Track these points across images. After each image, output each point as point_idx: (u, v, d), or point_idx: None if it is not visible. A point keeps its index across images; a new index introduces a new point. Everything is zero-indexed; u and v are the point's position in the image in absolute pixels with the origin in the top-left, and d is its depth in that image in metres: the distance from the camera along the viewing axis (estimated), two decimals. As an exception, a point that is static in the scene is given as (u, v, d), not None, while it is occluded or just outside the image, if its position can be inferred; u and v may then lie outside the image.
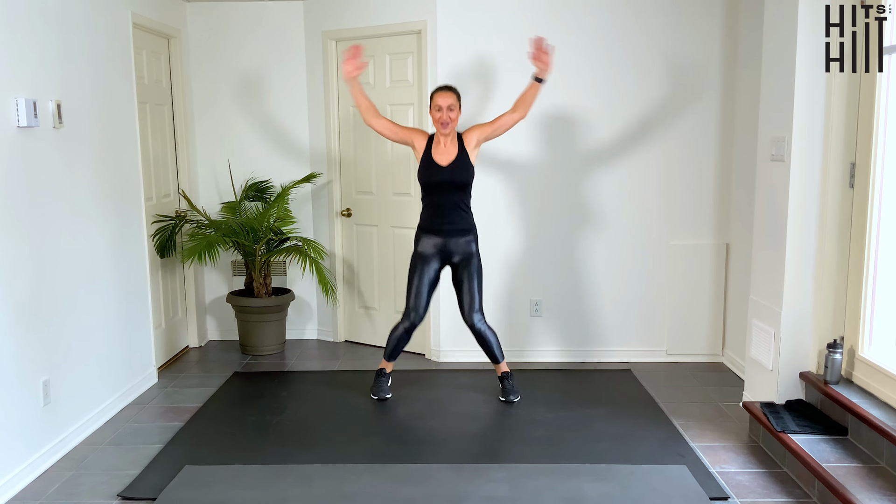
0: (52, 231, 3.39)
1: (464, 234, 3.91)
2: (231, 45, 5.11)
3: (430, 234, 3.92)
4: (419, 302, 3.95)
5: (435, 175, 3.85)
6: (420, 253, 3.95)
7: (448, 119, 3.79)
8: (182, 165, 5.02)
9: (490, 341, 4.03)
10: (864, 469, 2.88)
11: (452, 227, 3.89)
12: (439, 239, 3.90)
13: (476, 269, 3.95)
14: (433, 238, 3.91)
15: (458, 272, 3.96)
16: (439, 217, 3.89)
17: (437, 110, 3.81)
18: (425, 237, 3.93)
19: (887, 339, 3.26)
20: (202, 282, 5.28)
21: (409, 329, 4.02)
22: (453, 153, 3.85)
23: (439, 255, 3.93)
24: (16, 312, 3.11)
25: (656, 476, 3.15)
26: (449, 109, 3.79)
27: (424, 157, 3.88)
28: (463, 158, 3.85)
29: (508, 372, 4.12)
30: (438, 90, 3.86)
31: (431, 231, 3.91)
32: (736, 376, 4.46)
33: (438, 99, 3.81)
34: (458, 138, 3.89)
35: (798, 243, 3.49)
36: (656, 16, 4.51)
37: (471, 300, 3.95)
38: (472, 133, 3.90)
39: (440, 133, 3.85)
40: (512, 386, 4.08)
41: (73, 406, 3.54)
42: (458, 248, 3.91)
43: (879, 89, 3.18)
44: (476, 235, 3.98)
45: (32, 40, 3.26)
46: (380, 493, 3.02)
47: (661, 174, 4.64)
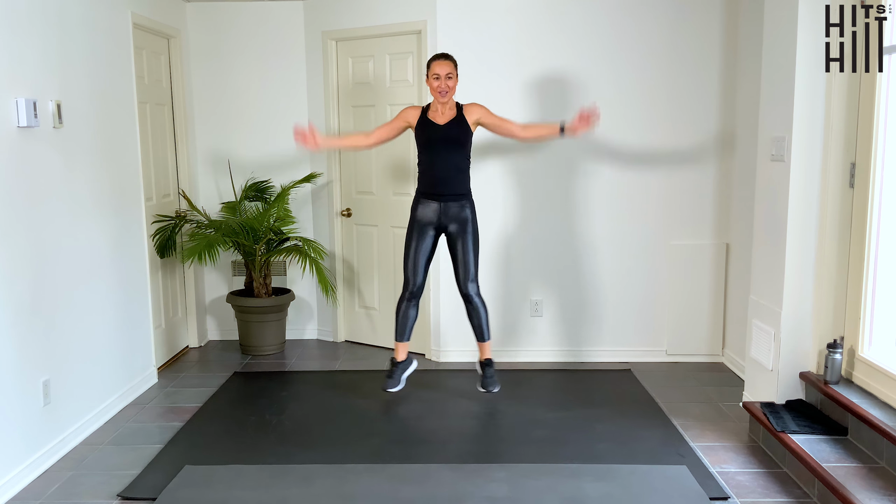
0: (51, 231, 3.39)
1: (459, 198, 3.83)
2: (231, 45, 5.12)
3: (427, 199, 3.84)
4: (416, 271, 3.88)
5: (431, 131, 3.77)
6: (417, 221, 3.87)
7: (446, 87, 3.73)
8: (182, 165, 5.02)
9: (481, 314, 3.94)
10: (864, 469, 2.88)
11: (449, 192, 3.80)
12: (436, 204, 3.82)
13: (472, 237, 3.86)
14: (430, 203, 3.83)
15: (453, 239, 3.87)
16: (436, 180, 3.80)
17: (434, 78, 3.74)
18: (422, 202, 3.85)
19: (887, 339, 3.26)
20: (202, 282, 5.29)
21: (410, 299, 3.93)
22: (451, 115, 3.79)
23: (435, 223, 3.85)
24: (15, 312, 3.11)
25: (656, 476, 3.15)
26: (447, 78, 3.73)
27: (421, 120, 3.81)
28: (461, 120, 3.78)
29: (491, 359, 4.03)
30: (436, 59, 3.79)
31: (428, 195, 3.83)
32: (736, 376, 4.46)
33: (436, 67, 3.74)
34: (457, 107, 3.83)
35: (798, 243, 3.49)
36: (656, 15, 4.51)
37: (466, 269, 3.88)
38: (475, 108, 3.83)
39: (438, 102, 3.78)
40: (492, 375, 3.98)
41: (73, 406, 3.54)
42: (454, 212, 3.82)
43: (879, 89, 3.18)
44: (472, 202, 3.89)
45: (32, 40, 3.26)
46: (380, 493, 3.02)
47: (661, 174, 4.64)
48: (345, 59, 4.99)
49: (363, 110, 4.96)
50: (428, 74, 3.79)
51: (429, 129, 3.79)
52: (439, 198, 3.82)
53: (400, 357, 4.02)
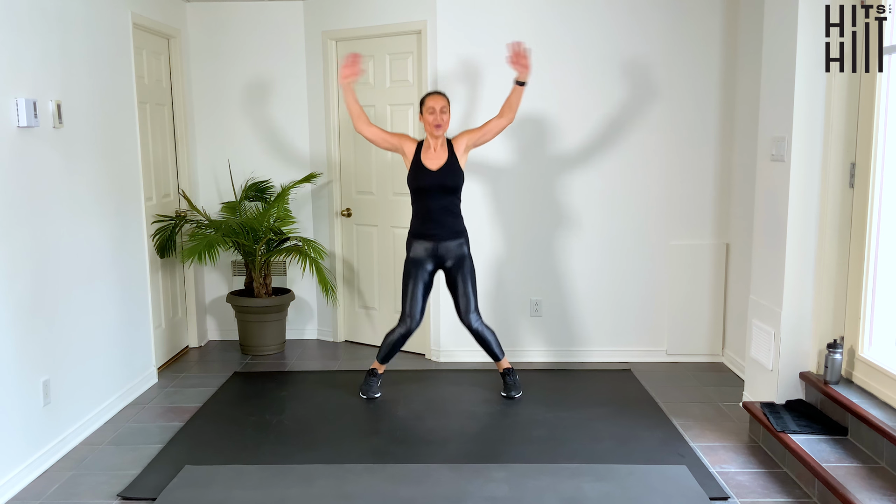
0: (51, 231, 3.39)
1: (455, 237, 3.93)
2: (231, 45, 5.12)
3: (421, 240, 3.94)
4: (415, 307, 3.97)
5: (425, 179, 3.87)
6: (413, 258, 3.97)
7: (441, 121, 3.83)
8: (182, 165, 5.02)
9: (489, 340, 4.06)
10: (864, 469, 2.88)
11: (443, 232, 3.91)
12: (430, 244, 3.92)
13: (469, 271, 3.98)
14: (424, 243, 3.93)
15: (451, 275, 3.99)
16: (430, 222, 3.90)
17: (430, 113, 3.84)
18: (417, 242, 3.95)
19: (887, 339, 3.26)
20: (202, 282, 5.29)
21: (404, 335, 4.03)
22: (443, 158, 3.88)
23: (432, 260, 3.95)
24: (16, 312, 3.11)
25: (656, 476, 3.15)
26: (442, 112, 3.84)
27: (414, 163, 3.91)
28: (452, 163, 3.88)
29: (510, 368, 4.15)
30: (430, 94, 3.92)
31: (422, 237, 3.93)
32: (736, 376, 4.46)
33: (430, 101, 3.86)
34: (448, 144, 3.93)
35: (798, 243, 3.49)
36: (656, 15, 4.51)
37: (466, 302, 3.98)
38: (461, 139, 3.94)
39: (432, 136, 3.88)
40: (514, 382, 4.11)
41: (73, 406, 3.54)
42: (450, 252, 3.93)
43: (879, 89, 3.18)
44: (467, 238, 4.00)
45: (32, 40, 3.26)
46: (380, 493, 3.02)
47: (662, 174, 4.64)
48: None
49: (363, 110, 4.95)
50: (422, 111, 3.89)
51: (422, 175, 3.88)
52: (434, 239, 3.92)
53: (380, 371, 4.20)
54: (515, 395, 4.09)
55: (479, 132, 3.94)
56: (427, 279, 3.99)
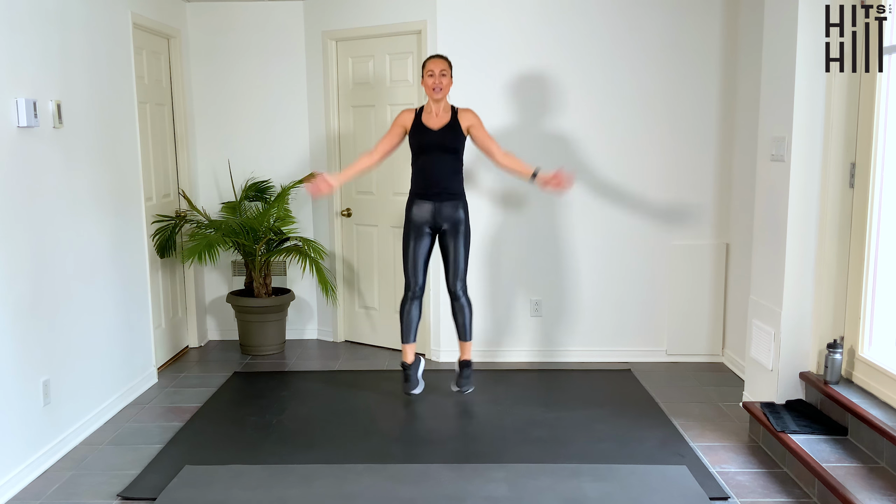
0: (51, 231, 3.39)
1: (453, 198, 3.87)
2: (231, 45, 5.11)
3: (421, 199, 3.88)
4: (416, 272, 3.93)
5: (425, 137, 3.81)
6: (412, 220, 3.91)
7: (440, 84, 3.77)
8: (182, 165, 5.02)
9: (466, 313, 3.99)
10: (864, 469, 2.88)
11: (443, 192, 3.84)
12: (430, 204, 3.86)
13: (463, 237, 3.91)
14: (424, 203, 3.87)
15: (445, 239, 3.92)
16: (430, 181, 3.84)
17: (429, 76, 3.78)
18: (416, 203, 3.89)
19: (887, 339, 3.26)
20: (202, 282, 5.29)
21: (412, 300, 3.97)
22: (445, 120, 3.83)
23: (430, 223, 3.89)
24: (15, 312, 3.11)
25: (656, 476, 3.15)
26: (441, 74, 3.77)
27: (415, 124, 3.85)
28: (454, 125, 3.82)
29: (469, 360, 4.07)
30: (430, 58, 3.85)
31: (422, 196, 3.87)
32: (736, 376, 4.46)
33: (430, 65, 3.80)
34: (452, 111, 3.86)
35: (798, 243, 3.49)
36: (656, 15, 4.51)
37: (456, 268, 3.92)
38: (469, 115, 3.86)
39: (433, 99, 3.82)
40: (469, 376, 4.04)
41: (73, 406, 3.54)
42: (448, 213, 3.86)
43: (879, 89, 3.18)
44: (465, 203, 3.93)
45: (32, 40, 3.26)
46: (380, 493, 3.02)
47: (662, 174, 4.64)
48: (345, 59, 4.99)
49: (363, 110, 4.96)
50: (423, 74, 3.84)
51: (422, 133, 3.83)
52: (433, 198, 3.86)
53: (409, 359, 4.06)
54: (466, 391, 4.03)
55: (482, 133, 3.87)
56: (427, 242, 3.92)
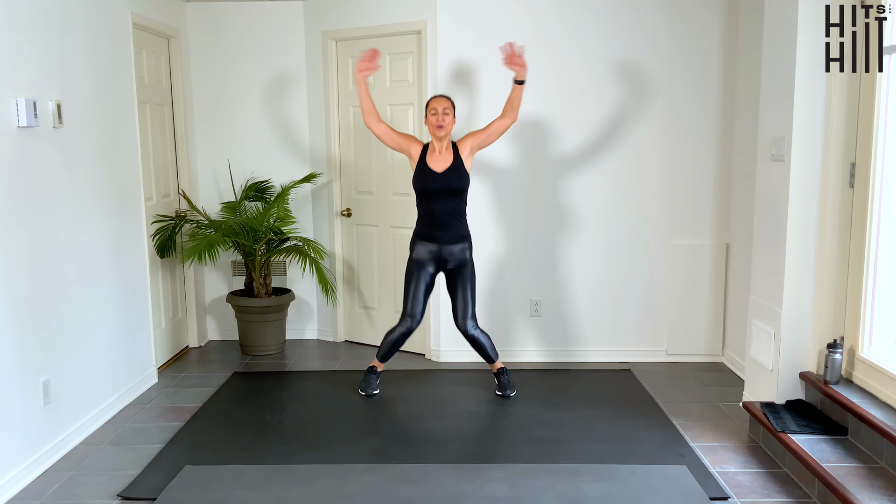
0: (52, 231, 3.39)
1: (458, 241, 3.96)
2: (231, 45, 5.11)
3: (425, 241, 3.97)
4: (416, 307, 4.01)
5: (430, 182, 3.89)
6: (416, 259, 4.01)
7: (443, 122, 3.85)
8: (182, 165, 5.02)
9: (484, 345, 4.10)
10: (864, 469, 2.88)
11: (447, 235, 3.94)
12: (434, 246, 3.95)
13: (469, 277, 4.02)
14: (428, 245, 3.96)
15: (452, 279, 4.02)
16: (434, 224, 3.94)
17: (433, 114, 3.87)
18: (420, 244, 3.99)
19: (887, 339, 3.26)
20: (202, 282, 5.29)
21: (405, 333, 4.08)
22: (448, 160, 3.91)
23: (434, 261, 3.99)
24: (16, 312, 3.11)
25: (656, 476, 3.15)
26: (444, 113, 3.86)
27: (419, 164, 3.93)
28: (458, 165, 3.91)
29: (504, 367, 4.19)
30: (434, 97, 3.96)
31: (426, 238, 3.96)
32: (736, 376, 4.46)
33: (434, 104, 3.90)
34: (453, 147, 3.95)
35: (798, 243, 3.49)
36: (656, 15, 4.51)
37: (464, 308, 4.02)
38: (465, 141, 3.96)
39: (435, 137, 3.91)
40: (508, 381, 4.15)
41: (73, 406, 3.54)
42: (453, 255, 3.96)
43: (879, 89, 3.18)
44: (470, 243, 4.03)
45: (32, 40, 3.26)
46: (380, 493, 3.02)
47: (661, 174, 4.64)
48: (345, 59, 4.99)
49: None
50: (426, 113, 3.92)
51: (427, 177, 3.90)
52: (439, 241, 3.95)
53: (379, 369, 4.24)
54: (510, 394, 4.12)
55: (483, 134, 3.95)
56: (429, 280, 4.03)
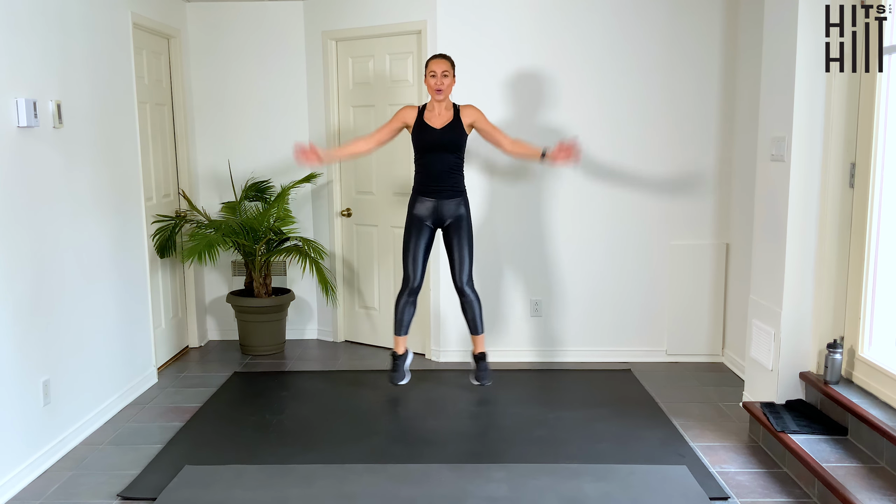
0: (52, 231, 3.39)
1: (455, 195, 3.93)
2: (231, 45, 5.12)
3: (423, 196, 3.94)
4: (416, 267, 3.97)
5: (428, 136, 3.86)
6: (414, 216, 3.97)
7: (442, 85, 3.82)
8: (182, 165, 5.02)
9: (475, 308, 4.03)
10: (864, 469, 2.88)
11: (444, 189, 3.90)
12: (432, 201, 3.92)
13: (466, 233, 3.96)
14: (426, 200, 3.93)
15: (449, 235, 3.98)
16: (432, 179, 3.90)
17: (431, 76, 3.84)
18: (418, 200, 3.95)
19: (887, 339, 3.26)
20: (202, 282, 5.29)
21: (409, 294, 4.01)
22: (447, 118, 3.88)
23: (432, 218, 3.94)
24: (16, 312, 3.11)
25: (656, 476, 3.15)
26: (443, 75, 3.82)
27: (418, 123, 3.90)
28: (457, 124, 3.87)
29: (484, 353, 4.11)
30: (433, 58, 3.90)
31: (424, 193, 3.93)
32: (736, 376, 4.46)
33: (433, 65, 3.85)
34: (454, 108, 3.91)
35: (798, 243, 3.49)
36: (657, 15, 4.51)
37: (461, 265, 3.97)
38: (470, 112, 3.91)
39: (434, 99, 3.87)
40: (486, 368, 4.08)
41: (73, 406, 3.54)
42: (450, 210, 3.92)
43: (879, 89, 3.18)
44: (467, 200, 3.98)
45: (32, 40, 3.26)
46: (380, 493, 3.02)
47: (662, 174, 4.64)
48: (345, 59, 4.99)
49: (363, 110, 4.96)
50: (426, 73, 3.88)
51: (425, 132, 3.87)
52: (436, 195, 3.90)
53: (400, 350, 4.10)
54: (486, 383, 4.08)
55: (488, 126, 3.93)
56: (427, 237, 3.98)
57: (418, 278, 3.98)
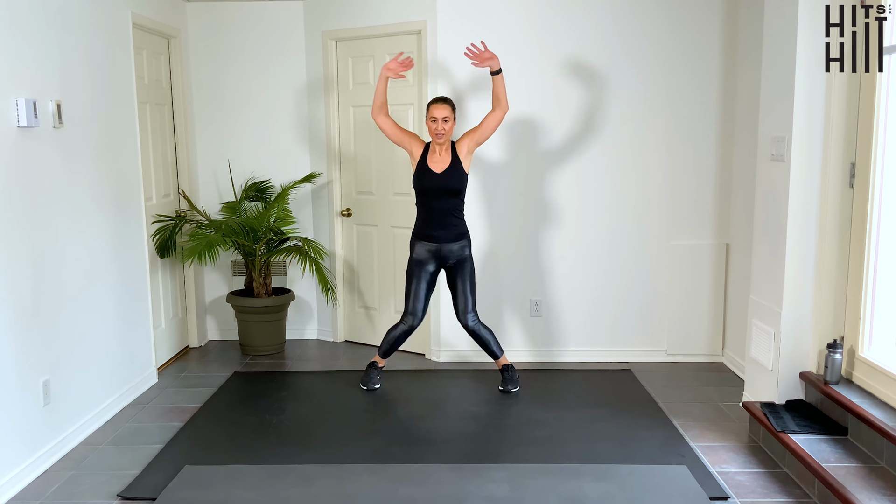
0: (52, 231, 3.39)
1: (457, 239, 4.03)
2: (231, 45, 5.11)
3: (424, 241, 4.03)
4: (417, 305, 4.08)
5: (429, 181, 3.97)
6: (416, 259, 4.07)
7: (443, 130, 3.93)
8: (182, 165, 5.02)
9: (487, 339, 4.15)
10: (864, 469, 2.88)
11: (446, 234, 4.00)
12: (434, 245, 4.02)
13: (469, 273, 4.09)
14: (427, 244, 4.03)
15: (452, 275, 4.09)
16: (433, 223, 4.01)
17: (432, 121, 3.94)
18: (420, 243, 4.05)
19: (887, 339, 3.26)
20: (202, 282, 5.28)
21: (407, 331, 4.14)
22: (447, 161, 3.98)
23: (434, 260, 4.05)
24: (16, 312, 3.11)
25: (656, 476, 3.15)
26: (444, 121, 3.92)
27: (420, 164, 4.01)
28: (456, 166, 3.98)
29: (509, 364, 4.23)
30: (434, 102, 3.99)
31: (425, 238, 4.03)
32: (736, 376, 4.46)
33: (434, 111, 3.95)
34: (452, 147, 4.01)
35: (798, 243, 3.49)
36: (656, 15, 4.51)
37: (465, 302, 4.09)
38: (463, 141, 4.02)
39: (435, 142, 3.98)
40: (512, 376, 4.19)
41: (73, 406, 3.54)
42: (452, 253, 4.03)
43: (879, 89, 3.18)
44: (469, 241, 4.10)
45: (32, 40, 3.26)
46: (380, 493, 3.02)
47: (661, 174, 4.64)
48: (345, 59, 4.99)
49: (363, 110, 4.96)
50: (427, 116, 3.98)
51: (426, 177, 3.98)
52: (438, 240, 4.01)
53: (380, 364, 4.29)
54: (512, 390, 4.16)
55: (478, 131, 4.00)
56: (429, 279, 4.09)
57: (419, 317, 4.12)
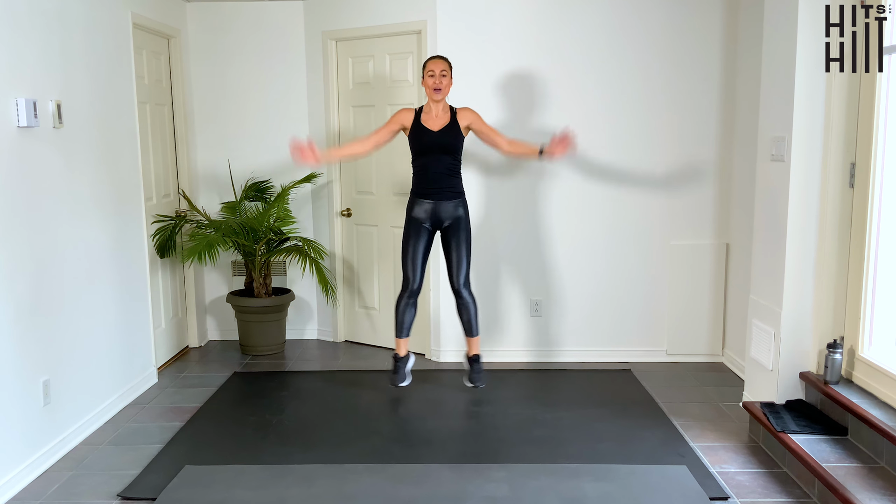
0: (51, 231, 3.39)
1: (453, 197, 3.94)
2: (231, 45, 5.11)
3: (421, 199, 3.95)
4: (415, 269, 3.99)
5: (425, 138, 3.88)
6: (413, 218, 3.98)
7: (440, 84, 3.84)
8: (182, 165, 5.02)
9: (471, 310, 4.05)
10: (864, 469, 2.88)
11: (442, 191, 3.92)
12: (430, 203, 3.93)
13: (465, 235, 3.98)
14: (424, 202, 3.94)
15: (447, 236, 3.99)
16: (430, 181, 3.92)
17: (430, 76, 3.85)
18: (417, 202, 3.97)
19: (887, 339, 3.26)
20: (202, 282, 5.29)
21: (410, 296, 4.02)
22: (445, 120, 3.90)
23: (430, 220, 3.96)
24: (16, 312, 3.11)
25: (656, 476, 3.15)
26: (441, 75, 3.84)
27: (415, 125, 3.92)
28: (454, 126, 3.89)
29: (479, 355, 4.11)
30: (431, 58, 3.93)
31: (422, 195, 3.94)
32: (736, 376, 4.46)
33: (431, 65, 3.87)
34: (451, 111, 3.93)
35: (798, 243, 3.49)
36: (656, 15, 4.51)
37: (458, 266, 3.99)
38: (468, 113, 3.94)
39: (433, 100, 3.89)
40: (480, 370, 4.08)
41: (73, 406, 3.54)
42: (448, 211, 3.94)
43: (879, 89, 3.18)
44: (465, 201, 4.00)
45: (32, 40, 3.26)
46: (380, 493, 3.02)
47: (661, 174, 4.64)
48: (345, 59, 4.99)
49: (363, 110, 4.96)
50: (424, 74, 3.90)
51: (422, 134, 3.90)
52: (434, 197, 3.92)
53: (401, 353, 4.10)
54: (480, 385, 4.08)
55: (485, 127, 3.95)
56: (426, 240, 3.99)
57: (418, 280, 3.99)
